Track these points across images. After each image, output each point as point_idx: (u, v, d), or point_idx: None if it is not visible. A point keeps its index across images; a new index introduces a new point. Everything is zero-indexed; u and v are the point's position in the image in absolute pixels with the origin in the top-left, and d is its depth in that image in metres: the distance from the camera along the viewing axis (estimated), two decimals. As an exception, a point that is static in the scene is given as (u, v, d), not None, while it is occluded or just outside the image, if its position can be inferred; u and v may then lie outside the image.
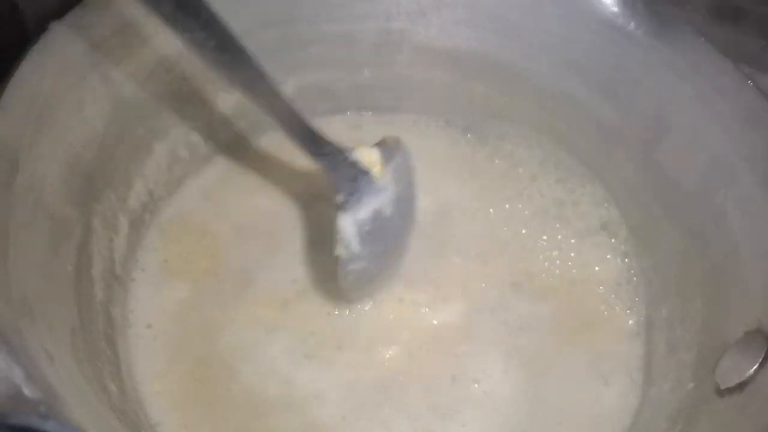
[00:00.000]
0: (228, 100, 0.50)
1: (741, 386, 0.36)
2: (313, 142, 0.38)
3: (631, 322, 0.47)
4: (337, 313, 0.46)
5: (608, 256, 0.49)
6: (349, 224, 0.39)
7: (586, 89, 0.49)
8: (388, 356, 0.45)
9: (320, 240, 0.48)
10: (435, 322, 0.46)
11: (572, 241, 0.50)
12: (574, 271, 0.49)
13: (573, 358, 0.45)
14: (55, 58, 0.38)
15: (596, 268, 0.49)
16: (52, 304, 0.35)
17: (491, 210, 0.51)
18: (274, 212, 0.50)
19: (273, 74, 0.50)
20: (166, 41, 0.44)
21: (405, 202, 0.43)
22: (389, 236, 0.43)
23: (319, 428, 0.42)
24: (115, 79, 0.42)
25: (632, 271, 0.49)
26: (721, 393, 0.37)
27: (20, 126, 0.35)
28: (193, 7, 0.32)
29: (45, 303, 0.34)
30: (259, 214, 0.50)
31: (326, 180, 0.40)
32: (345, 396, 0.43)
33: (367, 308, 0.46)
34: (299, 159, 0.52)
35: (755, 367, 0.35)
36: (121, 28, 0.42)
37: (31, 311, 0.32)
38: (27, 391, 0.27)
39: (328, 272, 0.44)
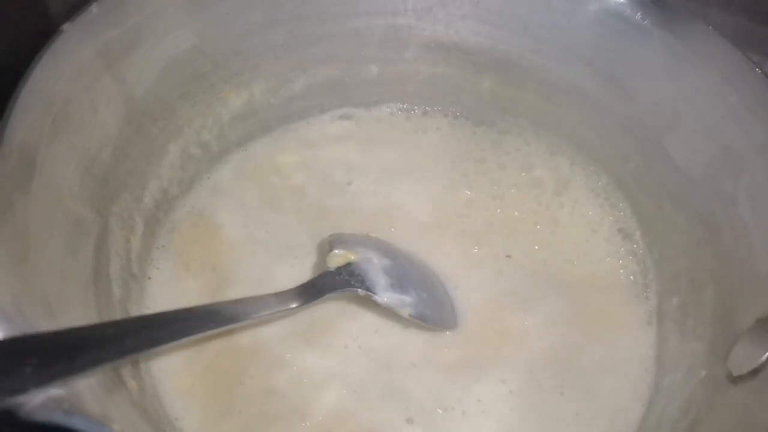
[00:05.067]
0: (238, 98, 0.51)
1: (754, 373, 0.36)
2: (310, 294, 0.44)
3: (642, 312, 0.47)
4: (344, 307, 0.46)
5: (619, 247, 0.50)
6: (385, 298, 0.44)
7: (594, 81, 0.49)
8: (407, 353, 0.45)
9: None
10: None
11: (582, 233, 0.50)
12: (585, 263, 0.49)
13: (587, 351, 0.45)
14: (68, 61, 0.38)
15: (607, 260, 0.49)
16: (71, 303, 0.35)
17: (500, 204, 0.51)
18: (286, 209, 0.51)
19: (282, 71, 0.51)
20: (176, 41, 0.45)
21: (393, 250, 0.48)
22: (413, 272, 0.47)
23: (333, 406, 0.42)
24: (128, 79, 0.43)
25: (643, 262, 0.49)
26: (734, 380, 0.37)
27: (37, 128, 0.35)
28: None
29: (65, 302, 0.34)
30: (271, 211, 0.50)
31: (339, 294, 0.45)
32: (355, 377, 0.43)
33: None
34: (306, 156, 0.53)
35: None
36: (132, 29, 0.42)
37: (52, 310, 0.32)
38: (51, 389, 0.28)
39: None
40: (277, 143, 0.54)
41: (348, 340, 0.45)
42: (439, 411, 0.43)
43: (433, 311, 0.45)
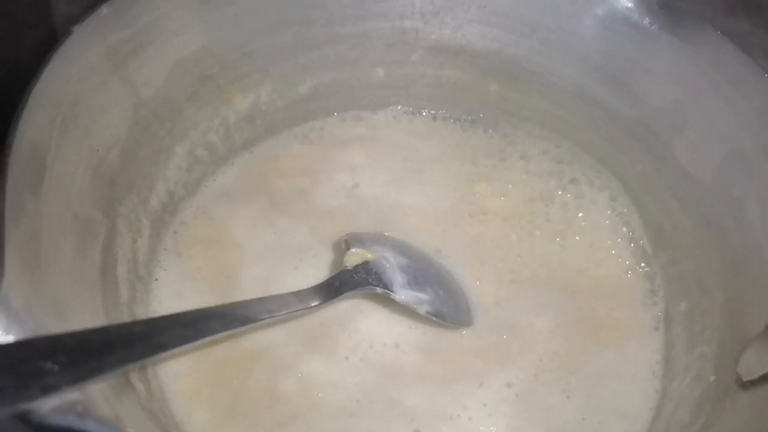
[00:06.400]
0: (244, 100, 0.51)
1: (764, 378, 0.36)
2: (329, 292, 0.44)
3: (650, 316, 0.47)
4: (349, 311, 0.46)
5: (626, 252, 0.50)
6: (403, 295, 0.44)
7: (601, 85, 0.49)
8: (410, 361, 0.45)
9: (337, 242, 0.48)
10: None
11: (589, 237, 0.50)
12: (592, 267, 0.49)
13: (595, 355, 0.45)
14: (77, 62, 0.38)
15: (614, 264, 0.49)
16: (80, 305, 0.35)
17: (507, 208, 0.51)
18: (291, 211, 0.51)
19: (289, 73, 0.51)
20: (183, 43, 0.45)
21: (409, 249, 0.48)
22: (429, 270, 0.47)
23: (334, 412, 0.42)
24: (136, 81, 0.42)
25: (650, 266, 0.49)
26: (744, 385, 0.37)
27: (47, 130, 0.35)
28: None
29: (74, 304, 0.34)
30: (276, 213, 0.50)
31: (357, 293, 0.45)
32: (358, 383, 0.43)
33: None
34: (311, 158, 0.53)
35: (778, 359, 0.36)
36: (141, 30, 0.42)
37: (62, 312, 0.32)
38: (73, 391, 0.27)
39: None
40: (282, 145, 0.54)
41: (353, 350, 0.44)
42: (445, 418, 0.42)
43: (450, 308, 0.45)
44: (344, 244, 0.46)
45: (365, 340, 0.45)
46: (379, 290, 0.44)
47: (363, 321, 0.46)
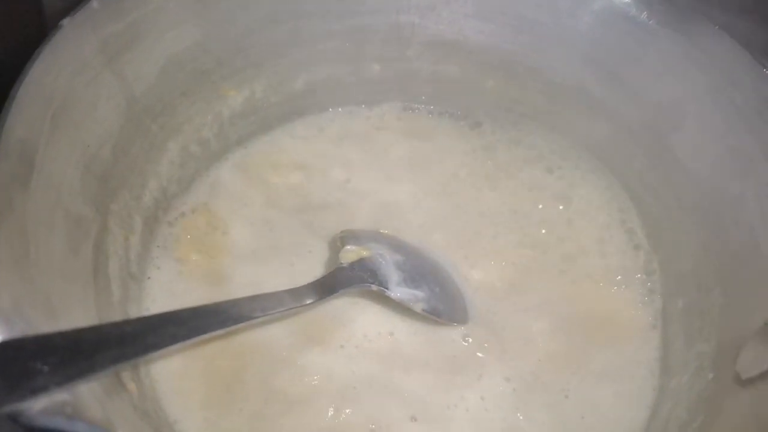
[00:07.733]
0: (238, 96, 0.50)
1: (763, 376, 0.36)
2: (324, 290, 0.44)
3: (648, 314, 0.47)
4: (346, 305, 0.46)
5: (624, 249, 0.49)
6: (398, 293, 0.44)
7: (599, 81, 0.49)
8: (409, 352, 0.45)
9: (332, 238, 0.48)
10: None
11: (587, 235, 0.50)
12: (590, 265, 0.49)
13: (592, 354, 0.45)
14: (68, 56, 0.38)
15: (612, 262, 0.49)
16: (72, 303, 0.35)
17: (502, 206, 0.51)
18: (285, 207, 0.50)
19: (283, 69, 0.51)
20: (176, 38, 0.44)
21: (405, 246, 0.48)
22: (424, 268, 0.47)
23: (332, 400, 0.42)
24: (128, 76, 0.42)
25: (648, 263, 0.48)
26: (743, 383, 0.37)
27: (36, 125, 0.35)
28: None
29: (66, 303, 0.33)
30: (271, 210, 0.50)
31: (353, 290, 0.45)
32: (354, 371, 0.43)
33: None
34: (305, 154, 0.53)
35: (776, 357, 0.35)
36: (133, 24, 0.41)
37: (53, 312, 0.32)
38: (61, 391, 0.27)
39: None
40: (276, 141, 0.53)
41: (348, 340, 0.44)
42: (442, 409, 0.42)
43: (446, 306, 0.45)
44: (339, 241, 0.46)
45: (360, 329, 0.45)
46: (374, 288, 0.44)
47: (357, 312, 0.45)
